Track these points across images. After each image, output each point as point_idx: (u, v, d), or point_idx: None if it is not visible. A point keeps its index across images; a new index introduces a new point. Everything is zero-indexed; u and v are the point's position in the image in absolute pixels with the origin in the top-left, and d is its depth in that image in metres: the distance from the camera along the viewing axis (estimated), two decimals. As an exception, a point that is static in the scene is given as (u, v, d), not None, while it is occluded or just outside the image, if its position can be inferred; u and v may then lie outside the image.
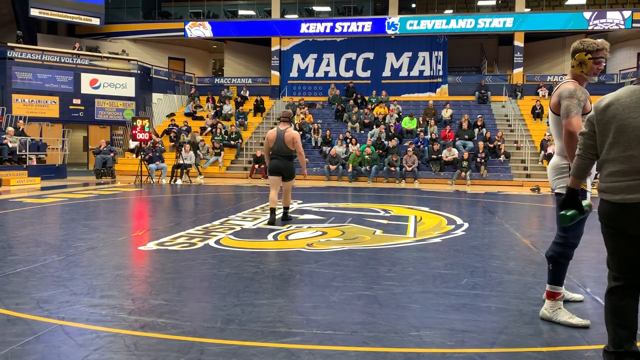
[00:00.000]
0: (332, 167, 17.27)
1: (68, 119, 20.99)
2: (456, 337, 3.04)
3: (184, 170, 16.12)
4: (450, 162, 17.10)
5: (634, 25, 21.53)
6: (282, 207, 7.61)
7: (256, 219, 7.73)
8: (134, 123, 15.57)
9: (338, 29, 23.83)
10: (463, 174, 16.26)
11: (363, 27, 23.59)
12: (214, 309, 3.53)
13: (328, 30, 23.89)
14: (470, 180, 16.20)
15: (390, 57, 24.00)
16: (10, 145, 15.66)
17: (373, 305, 3.63)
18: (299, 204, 9.75)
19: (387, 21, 23.36)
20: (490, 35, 25.05)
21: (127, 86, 22.04)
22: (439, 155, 17.22)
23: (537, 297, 3.84)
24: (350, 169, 17.12)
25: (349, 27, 23.74)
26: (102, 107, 21.60)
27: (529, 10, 23.32)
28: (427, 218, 8.22)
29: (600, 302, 3.76)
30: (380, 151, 17.74)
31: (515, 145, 18.58)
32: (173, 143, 18.18)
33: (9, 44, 20.81)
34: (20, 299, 3.66)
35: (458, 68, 26.10)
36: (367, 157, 17.12)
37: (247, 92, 24.05)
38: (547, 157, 16.62)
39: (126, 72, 22.23)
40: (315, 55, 24.58)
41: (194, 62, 28.01)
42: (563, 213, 2.71)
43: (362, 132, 19.96)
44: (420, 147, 18.07)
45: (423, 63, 23.72)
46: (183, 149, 16.69)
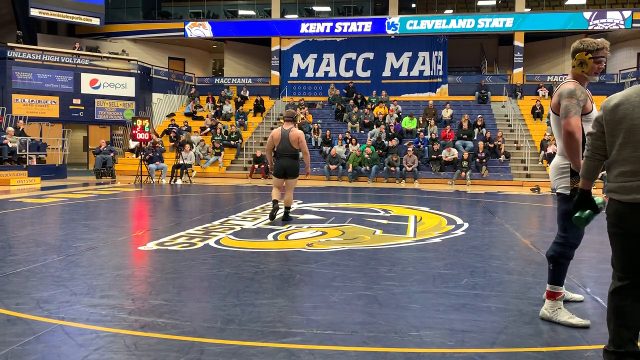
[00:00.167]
0: (332, 167, 17.28)
1: (68, 119, 21.00)
2: (456, 337, 3.04)
3: (184, 170, 16.13)
4: (450, 162, 17.10)
5: (634, 25, 21.53)
6: (284, 207, 7.62)
7: (256, 219, 7.73)
8: (134, 123, 15.56)
9: (338, 29, 23.83)
10: (463, 174, 16.26)
11: (363, 27, 23.59)
12: (214, 309, 3.52)
13: (328, 30, 23.89)
14: (470, 180, 16.20)
15: (390, 57, 24.00)
16: (10, 145, 15.66)
17: (373, 305, 3.63)
18: (299, 204, 9.75)
19: (387, 21, 23.36)
20: (490, 35, 25.05)
21: (127, 86, 22.04)
22: (439, 155, 17.22)
23: (537, 297, 3.84)
24: (350, 169, 17.12)
25: (349, 27, 23.74)
26: (102, 107, 21.60)
27: (529, 10, 23.32)
28: (427, 218, 8.22)
29: (600, 302, 3.76)
30: (380, 151, 17.74)
31: (515, 145, 18.58)
32: (173, 143, 18.19)
33: (9, 44, 20.81)
34: (20, 299, 3.66)
35: (458, 68, 26.10)
36: (367, 157, 17.13)
37: (247, 92, 24.05)
38: (547, 157, 16.62)
39: (126, 72, 22.23)
40: (315, 55, 24.58)
41: (194, 62, 28.01)
42: (578, 215, 2.67)
43: (362, 132, 19.96)
44: (420, 147, 18.07)
45: (423, 63, 23.72)
46: (183, 149, 16.70)
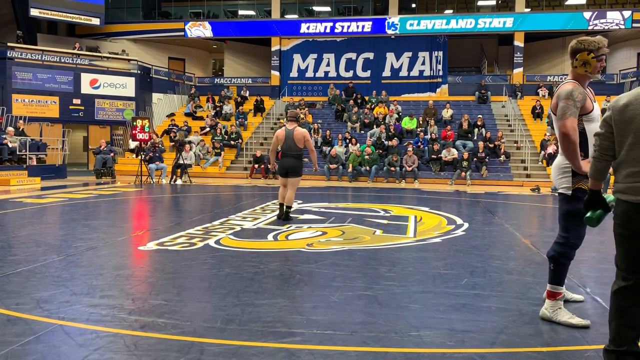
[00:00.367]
0: (332, 167, 17.28)
1: (68, 119, 20.99)
2: (456, 337, 3.04)
3: (184, 170, 16.13)
4: (450, 162, 17.09)
5: (634, 25, 21.53)
6: (285, 206, 7.63)
7: (256, 219, 7.73)
8: (134, 123, 15.56)
9: (338, 29, 23.83)
10: (463, 174, 16.26)
11: (363, 27, 23.58)
12: (214, 309, 3.52)
13: (328, 30, 23.89)
14: (470, 180, 16.19)
15: (390, 57, 24.00)
16: (10, 145, 15.66)
17: (373, 305, 3.63)
18: (299, 204, 9.74)
19: (387, 21, 23.36)
20: (490, 35, 25.05)
21: (127, 86, 22.04)
22: (439, 155, 17.22)
23: (537, 297, 3.83)
24: (350, 169, 17.12)
25: (349, 27, 23.74)
26: (102, 107, 21.60)
27: (529, 10, 23.32)
28: (427, 218, 8.22)
29: (601, 302, 3.76)
30: (380, 151, 17.75)
31: (515, 145, 18.58)
32: (173, 143, 18.19)
33: (9, 44, 20.81)
34: (20, 299, 3.66)
35: (458, 68, 26.10)
36: (367, 157, 17.12)
37: (247, 92, 24.05)
38: (547, 157, 16.62)
39: (126, 72, 22.22)
40: (315, 55, 24.58)
41: (194, 62, 28.01)
42: (589, 215, 2.65)
43: (362, 132, 19.96)
44: (420, 147, 18.07)
45: (423, 63, 23.72)
46: (183, 149, 16.70)
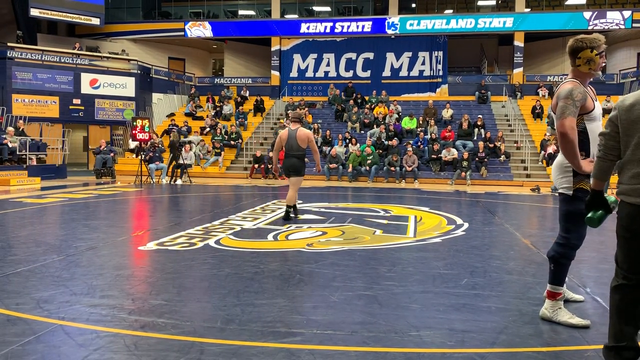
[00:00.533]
0: (332, 167, 17.28)
1: (68, 119, 20.99)
2: (456, 337, 3.04)
3: (184, 170, 16.13)
4: (450, 162, 17.09)
5: (634, 25, 21.53)
6: (286, 205, 7.66)
7: (256, 219, 7.73)
8: (134, 123, 15.56)
9: (338, 29, 23.83)
10: (463, 174, 16.26)
11: (363, 27, 23.58)
12: (214, 309, 3.52)
13: (328, 30, 23.89)
14: (470, 180, 16.19)
15: (390, 57, 24.00)
16: (10, 145, 15.66)
17: (373, 305, 3.63)
18: (299, 204, 9.73)
19: (387, 21, 23.36)
20: (490, 35, 25.05)
21: (127, 86, 22.04)
22: (439, 155, 17.22)
23: (537, 297, 3.83)
24: (350, 169, 17.12)
25: (349, 27, 23.74)
26: (102, 107, 21.60)
27: (529, 10, 23.32)
28: (427, 218, 8.22)
29: (601, 302, 3.76)
30: (380, 151, 17.74)
31: (515, 145, 18.58)
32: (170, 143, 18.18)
33: (9, 44, 20.81)
34: (20, 299, 3.66)
35: (458, 68, 26.10)
36: (369, 160, 17.11)
37: (247, 92, 24.05)
38: (547, 157, 16.62)
39: (126, 72, 22.22)
40: (315, 55, 24.58)
41: (194, 62, 28.01)
42: (590, 216, 2.64)
43: (362, 132, 19.96)
44: (420, 147, 18.07)
45: (423, 63, 23.72)
46: (183, 149, 16.70)
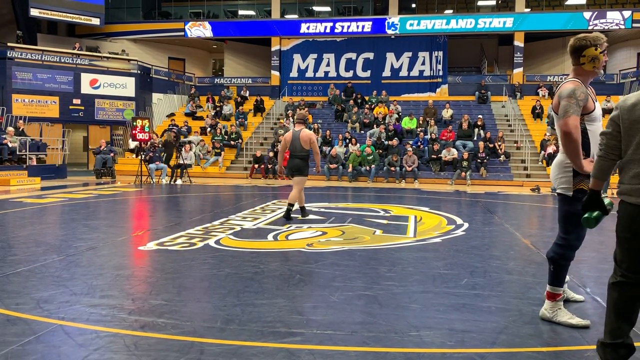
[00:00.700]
0: (332, 167, 17.28)
1: (68, 119, 20.99)
2: (456, 337, 3.04)
3: (184, 170, 16.13)
4: (450, 162, 17.09)
5: (634, 25, 21.53)
6: (288, 203, 7.72)
7: (256, 219, 7.73)
8: (134, 123, 15.56)
9: (338, 29, 23.82)
10: (463, 174, 16.26)
11: (363, 27, 23.58)
12: (214, 309, 3.52)
13: (328, 30, 23.89)
14: (470, 180, 16.19)
15: (390, 57, 24.00)
16: (10, 145, 15.66)
17: (373, 305, 3.63)
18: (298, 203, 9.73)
19: (387, 21, 23.36)
20: (490, 35, 25.05)
21: (127, 86, 22.04)
22: (439, 155, 17.22)
23: (537, 297, 3.83)
24: (350, 169, 17.12)
25: (349, 27, 23.74)
26: (102, 107, 21.60)
27: (529, 10, 23.32)
28: (427, 218, 8.22)
29: (601, 302, 3.76)
30: (380, 151, 17.75)
31: (515, 145, 18.58)
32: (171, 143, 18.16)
33: (9, 44, 20.82)
34: (20, 299, 3.66)
35: (458, 68, 26.10)
36: (369, 158, 17.12)
37: (247, 92, 24.05)
38: (547, 157, 16.62)
39: (126, 72, 22.22)
40: (315, 55, 24.57)
41: (194, 62, 28.01)
42: (587, 216, 2.64)
43: (362, 132, 19.96)
44: (420, 147, 18.07)
45: (423, 63, 23.72)
46: (183, 149, 16.70)
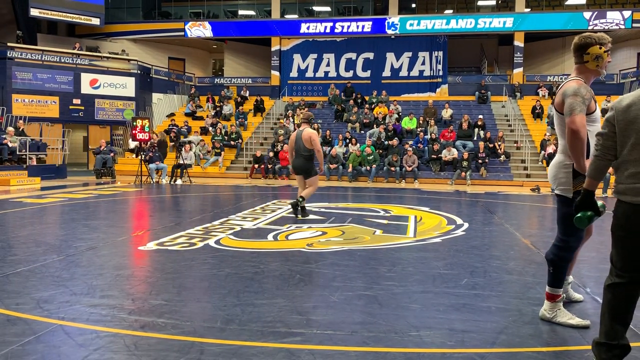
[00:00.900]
0: (332, 167, 17.27)
1: (68, 119, 21.00)
2: (456, 337, 3.04)
3: (184, 170, 16.13)
4: (450, 162, 17.10)
5: (634, 25, 21.53)
6: (299, 196, 7.85)
7: (256, 219, 7.73)
8: (134, 123, 15.57)
9: (338, 29, 23.83)
10: (463, 174, 16.26)
11: (363, 27, 23.58)
12: (214, 309, 3.52)
13: (328, 30, 23.89)
14: (470, 180, 16.19)
15: (390, 57, 24.00)
16: (10, 145, 15.66)
17: (373, 305, 3.63)
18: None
19: (387, 21, 23.36)
20: (490, 35, 25.05)
21: (127, 86, 22.04)
22: (439, 155, 17.22)
23: (537, 297, 3.83)
24: (350, 169, 17.12)
25: (349, 27, 23.74)
26: (102, 107, 21.60)
27: (529, 10, 23.32)
28: (427, 218, 8.22)
29: (600, 302, 3.75)
30: (380, 151, 17.75)
31: (515, 145, 18.58)
32: (173, 143, 18.19)
33: (9, 44, 20.81)
34: (20, 299, 3.66)
35: (458, 68, 26.10)
36: (369, 158, 17.11)
37: (247, 92, 24.06)
38: (547, 157, 16.62)
39: (126, 72, 22.23)
40: (315, 55, 24.58)
41: (194, 62, 28.01)
42: (580, 216, 2.64)
43: (362, 132, 19.96)
44: (420, 147, 18.07)
45: (423, 63, 23.72)
46: (183, 149, 16.70)
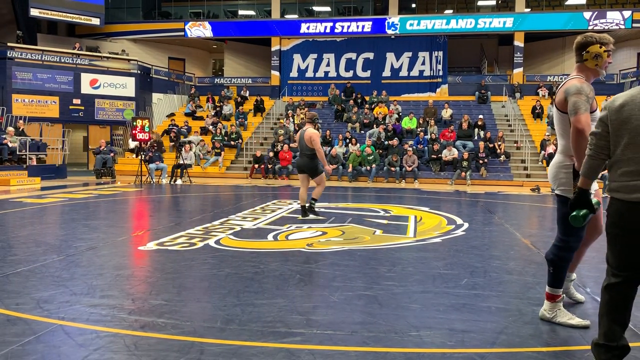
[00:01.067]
0: (333, 167, 17.28)
1: (68, 119, 21.00)
2: (456, 337, 3.04)
3: (184, 170, 16.13)
4: (450, 162, 17.09)
5: (634, 25, 21.53)
6: (311, 198, 7.99)
7: (256, 219, 7.73)
8: (134, 123, 15.57)
9: (338, 29, 23.82)
10: (463, 174, 16.26)
11: (363, 27, 23.58)
12: (214, 309, 3.52)
13: (328, 30, 23.89)
14: (470, 180, 16.19)
15: (390, 57, 24.00)
16: (10, 145, 15.66)
17: (373, 305, 3.63)
18: (298, 203, 9.72)
19: (387, 21, 23.36)
20: (490, 35, 25.05)
21: (127, 86, 22.04)
22: (439, 155, 17.22)
23: (537, 297, 3.83)
24: (350, 169, 17.12)
25: (349, 27, 23.74)
26: (102, 107, 21.60)
27: (529, 10, 23.32)
28: (427, 218, 8.22)
29: (600, 302, 3.76)
30: (380, 151, 17.75)
31: (515, 145, 18.58)
32: (173, 143, 18.19)
33: (9, 44, 20.81)
34: (20, 299, 3.66)
35: (458, 68, 26.10)
36: (369, 158, 17.11)
37: (247, 92, 24.05)
38: (547, 157, 16.62)
39: (126, 72, 22.23)
40: (315, 55, 24.57)
41: (194, 62, 28.01)
42: (575, 214, 2.66)
43: (362, 132, 19.96)
44: (420, 147, 18.07)
45: (423, 63, 23.72)
46: (183, 149, 16.70)
